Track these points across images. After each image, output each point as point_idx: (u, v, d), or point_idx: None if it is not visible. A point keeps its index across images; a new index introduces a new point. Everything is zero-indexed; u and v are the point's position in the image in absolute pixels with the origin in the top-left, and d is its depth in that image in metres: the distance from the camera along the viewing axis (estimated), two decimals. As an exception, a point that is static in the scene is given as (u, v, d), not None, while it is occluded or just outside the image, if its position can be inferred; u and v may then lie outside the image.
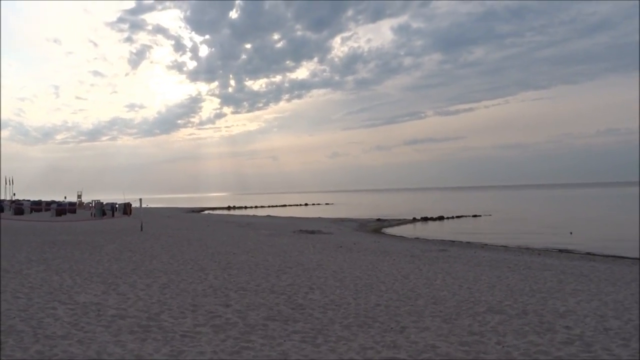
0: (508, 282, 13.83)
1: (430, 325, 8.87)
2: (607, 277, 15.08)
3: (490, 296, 11.72)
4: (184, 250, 19.93)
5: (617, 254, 24.73)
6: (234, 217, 60.73)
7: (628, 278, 14.99)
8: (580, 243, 30.10)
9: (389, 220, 51.98)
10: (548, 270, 16.73)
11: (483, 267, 17.35)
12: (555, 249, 27.27)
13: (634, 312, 10.00)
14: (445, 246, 26.70)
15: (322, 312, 9.79)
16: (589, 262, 20.53)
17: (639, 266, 18.89)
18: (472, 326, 8.85)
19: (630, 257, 23.12)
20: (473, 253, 22.81)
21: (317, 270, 15.31)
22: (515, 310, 10.14)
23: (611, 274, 16.04)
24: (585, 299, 11.40)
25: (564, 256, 23.41)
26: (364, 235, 34.95)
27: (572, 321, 9.24)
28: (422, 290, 12.45)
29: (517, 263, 18.74)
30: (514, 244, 29.97)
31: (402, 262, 18.07)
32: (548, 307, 10.45)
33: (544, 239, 32.63)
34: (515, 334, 8.32)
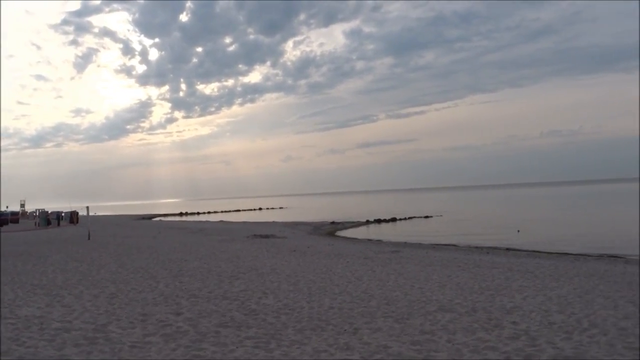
0: (458, 281, 14.14)
1: (383, 326, 8.96)
2: (552, 273, 15.65)
3: (441, 295, 11.95)
4: (133, 258, 19.41)
5: (561, 250, 25.71)
6: (186, 224, 59.68)
7: (571, 273, 15.61)
8: (527, 241, 31.14)
9: (342, 223, 52.29)
10: (496, 268, 17.22)
11: (434, 266, 17.69)
12: (503, 247, 28.10)
13: (577, 306, 10.41)
14: (397, 247, 27.07)
15: (275, 316, 9.73)
16: (535, 259, 21.25)
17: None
18: (424, 325, 8.99)
19: (572, 254, 24.08)
20: (424, 253, 23.23)
21: (271, 275, 15.22)
22: (464, 308, 10.37)
23: (555, 270, 16.66)
24: (531, 295, 11.78)
25: (512, 254, 24.15)
26: (318, 239, 35.03)
27: (519, 317, 9.53)
28: (375, 291, 12.56)
29: (466, 262, 19.20)
30: (464, 244, 30.71)
31: (356, 264, 18.20)
32: (496, 304, 10.75)
33: (493, 238, 33.58)
34: (465, 332, 8.51)
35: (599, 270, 16.32)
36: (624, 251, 24.31)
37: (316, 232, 43.11)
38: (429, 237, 35.58)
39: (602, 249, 25.62)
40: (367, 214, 65.34)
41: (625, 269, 16.95)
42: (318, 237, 36.91)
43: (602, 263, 19.33)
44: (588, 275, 15.00)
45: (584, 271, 16.10)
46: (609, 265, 18.12)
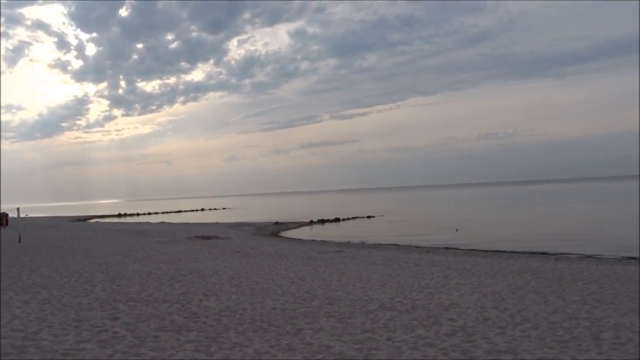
0: (399, 279, 14.43)
1: (325, 326, 9.01)
2: (487, 271, 16.23)
3: (382, 294, 12.16)
4: (68, 262, 18.64)
5: (496, 248, 26.70)
6: (125, 225, 57.85)
7: (505, 271, 16.24)
8: (465, 240, 32.16)
9: (286, 224, 52.23)
10: (435, 266, 17.68)
11: (376, 265, 17.97)
12: (443, 246, 28.88)
13: (510, 302, 10.85)
14: (341, 247, 27.32)
15: (217, 319, 9.59)
16: (472, 257, 21.97)
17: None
18: (365, 324, 9.12)
19: (507, 251, 25.06)
20: (367, 253, 23.55)
21: (213, 277, 15.00)
22: (405, 306, 10.59)
23: (490, 267, 17.29)
24: (468, 292, 12.18)
25: (450, 252, 24.88)
26: (262, 239, 34.84)
27: (456, 313, 9.83)
28: (318, 291, 12.62)
29: (407, 261, 19.61)
30: (405, 243, 31.35)
31: (299, 265, 18.23)
32: (435, 301, 11.04)
33: (433, 237, 34.46)
34: (405, 329, 8.69)
35: (531, 267, 17.06)
36: (555, 249, 25.52)
37: (260, 233, 42.84)
38: (372, 237, 36.09)
39: (534, 247, 26.78)
40: (311, 215, 65.59)
41: (556, 265, 17.80)
42: (261, 238, 36.69)
43: (534, 260, 20.22)
44: (521, 272, 15.66)
45: (517, 268, 16.79)
46: (540, 262, 18.98)
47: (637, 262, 19.64)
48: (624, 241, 27.86)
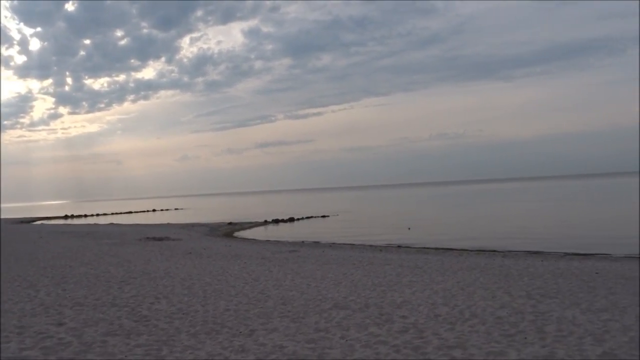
0: (353, 278, 14.55)
1: (279, 326, 8.99)
2: (438, 268, 16.58)
3: (336, 293, 12.23)
4: (10, 266, 17.86)
5: (447, 246, 27.31)
6: (72, 227, 55.94)
7: (455, 268, 16.63)
8: (417, 238, 32.74)
9: (240, 224, 51.75)
10: (388, 264, 17.92)
11: (330, 265, 18.05)
12: (396, 244, 29.30)
13: (460, 298, 11.12)
14: (295, 247, 27.29)
15: (168, 322, 9.41)
16: (424, 255, 22.39)
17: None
18: (319, 323, 9.15)
19: (457, 249, 25.68)
20: (321, 252, 23.63)
21: (165, 279, 14.71)
22: (358, 305, 10.69)
23: (441, 265, 17.66)
24: (419, 289, 12.41)
25: (403, 251, 25.27)
26: (215, 240, 34.40)
27: (408, 311, 9.99)
28: (272, 291, 12.58)
29: (361, 260, 19.80)
30: (360, 242, 31.62)
31: (253, 265, 18.11)
32: (387, 299, 11.19)
33: (386, 236, 34.91)
34: (358, 327, 8.77)
35: (479, 264, 17.53)
36: (503, 246, 26.31)
37: (213, 234, 42.29)
38: (326, 236, 36.23)
39: (483, 244, 27.53)
40: (265, 215, 65.26)
41: (503, 262, 18.35)
42: (215, 239, 36.23)
43: (482, 257, 20.78)
44: (470, 269, 16.07)
45: (467, 265, 17.22)
46: (488, 259, 19.53)
47: (580, 257, 20.51)
48: (568, 238, 29.05)
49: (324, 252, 23.97)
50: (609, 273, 14.35)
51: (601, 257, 20.67)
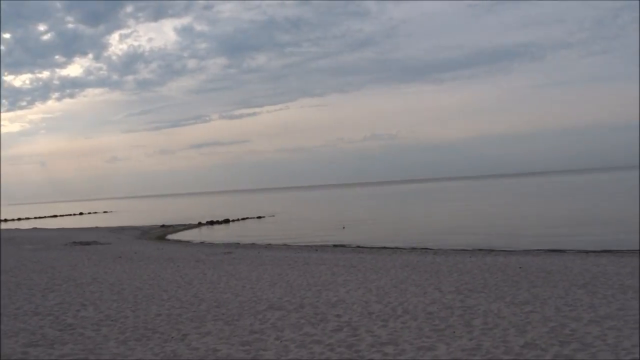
0: (288, 279, 14.54)
1: (213, 329, 8.84)
2: (372, 267, 16.86)
3: (271, 294, 12.18)
4: None
5: (381, 245, 27.85)
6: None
7: (389, 266, 16.97)
8: (352, 237, 33.18)
9: (174, 226, 50.50)
10: (324, 264, 18.05)
11: (266, 266, 17.96)
12: (331, 244, 29.57)
13: (392, 296, 11.36)
14: (230, 248, 26.97)
15: (95, 329, 9.04)
16: (359, 254, 22.73)
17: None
18: (253, 325, 9.08)
19: (390, 247, 26.25)
20: (257, 253, 23.47)
21: (92, 285, 14.12)
22: (293, 305, 10.70)
23: (375, 263, 17.98)
24: (354, 288, 12.57)
25: (338, 250, 25.55)
26: (147, 243, 33.42)
27: (342, 309, 10.11)
28: (206, 294, 12.36)
29: (296, 260, 19.83)
30: (295, 242, 31.68)
31: (187, 268, 17.72)
32: (322, 299, 11.27)
33: (322, 236, 35.16)
34: (293, 328, 8.77)
35: (412, 262, 17.99)
36: (435, 243, 27.14)
37: (144, 237, 41.06)
38: (262, 238, 36.03)
39: (416, 242, 28.29)
40: (199, 216, 64.04)
41: (434, 259, 18.94)
42: (147, 242, 35.19)
43: (414, 255, 21.36)
44: (402, 267, 16.46)
45: (400, 263, 17.63)
46: (420, 257, 20.09)
47: (505, 253, 21.49)
48: (495, 235, 30.37)
49: (260, 253, 23.83)
50: (531, 267, 15.11)
51: (524, 252, 21.73)
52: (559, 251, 21.59)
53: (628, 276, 12.64)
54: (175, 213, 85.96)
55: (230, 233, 43.00)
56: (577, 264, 15.69)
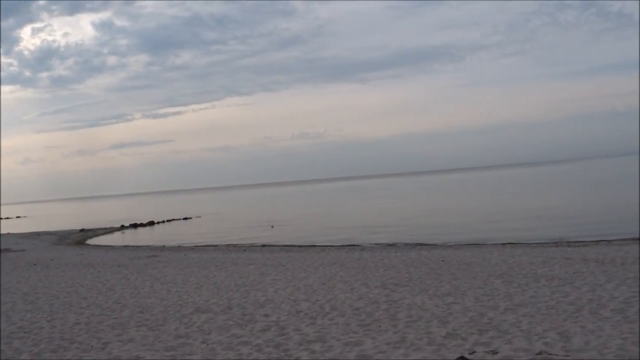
0: (215, 280, 14.30)
1: (136, 336, 8.54)
2: (301, 265, 16.92)
3: (198, 296, 11.93)
4: None
5: (309, 243, 28.02)
6: None
7: (317, 263, 17.10)
8: (281, 236, 33.17)
9: (94, 230, 48.30)
10: (252, 264, 17.91)
11: (192, 268, 17.58)
12: (260, 244, 29.40)
13: (321, 293, 11.44)
14: (155, 252, 26.17)
15: (6, 342, 8.47)
16: (287, 252, 22.74)
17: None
18: (179, 329, 8.85)
19: (319, 245, 26.46)
20: (183, 255, 22.92)
21: (4, 295, 13.23)
22: (220, 307, 10.53)
23: (304, 261, 18.07)
24: (282, 287, 12.56)
25: (267, 249, 25.43)
26: (65, 249, 31.78)
27: (270, 309, 10.06)
28: (129, 300, 11.92)
29: (224, 261, 19.55)
30: (223, 243, 31.22)
31: (108, 274, 17.01)
32: (250, 299, 11.17)
33: (250, 235, 34.87)
34: (220, 330, 8.63)
35: (340, 259, 18.23)
36: (362, 240, 27.65)
37: (62, 242, 39.01)
38: (189, 239, 35.25)
39: (344, 239, 28.68)
40: (122, 219, 61.66)
41: (361, 255, 19.27)
42: (65, 248, 33.45)
43: (343, 252, 21.65)
44: (331, 264, 16.63)
45: (328, 260, 17.81)
46: (348, 253, 20.39)
47: (429, 247, 22.24)
48: (419, 229, 31.37)
49: (186, 255, 23.29)
50: (452, 260, 15.72)
51: (447, 246, 22.59)
52: (479, 244, 22.62)
53: (540, 265, 13.44)
54: (96, 216, 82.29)
55: (155, 235, 41.77)
56: (494, 255, 16.49)
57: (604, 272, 11.82)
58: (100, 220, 67.20)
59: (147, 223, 54.35)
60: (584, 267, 12.78)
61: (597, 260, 13.72)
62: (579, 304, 8.74)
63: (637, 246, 17.69)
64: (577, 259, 14.38)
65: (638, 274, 11.24)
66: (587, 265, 12.96)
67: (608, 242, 20.15)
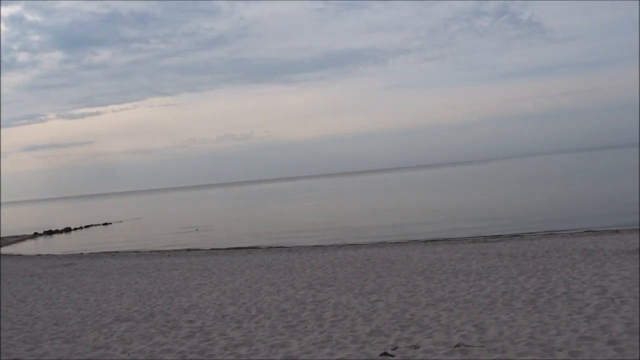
0: (137, 287, 13.82)
1: (49, 350, 8.08)
2: (227, 268, 16.70)
3: (118, 305, 11.48)
4: None
5: (236, 246, 27.68)
6: None
7: (244, 266, 16.93)
8: (207, 239, 32.54)
9: (4, 239, 45.21)
10: (176, 269, 17.46)
11: (113, 275, 16.90)
12: (184, 248, 28.70)
13: (247, 296, 11.35)
14: (72, 259, 24.87)
15: None
16: (213, 256, 22.33)
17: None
18: (97, 340, 8.47)
19: (246, 247, 26.21)
20: (103, 263, 21.96)
21: None
22: (142, 315, 10.18)
23: (231, 264, 17.84)
24: (208, 292, 12.33)
25: (192, 254, 24.84)
26: (-29, 260, 29.51)
27: (195, 314, 9.85)
28: (42, 311, 11.27)
29: (147, 267, 18.93)
30: (147, 249, 30.21)
31: (19, 284, 16.00)
32: (174, 306, 10.88)
33: (174, 240, 33.95)
34: (142, 338, 8.35)
35: (267, 261, 18.15)
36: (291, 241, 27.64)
37: (-32, 252, 36.23)
38: (110, 245, 33.79)
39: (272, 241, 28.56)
40: (35, 226, 58.18)
41: (289, 256, 19.29)
42: (-30, 258, 31.07)
43: (270, 254, 21.57)
44: (258, 266, 16.53)
45: (255, 263, 17.69)
46: (275, 255, 20.34)
47: (355, 246, 22.61)
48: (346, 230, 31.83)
49: (106, 262, 22.33)
50: (377, 258, 16.09)
51: (372, 245, 23.07)
52: (402, 242, 23.28)
53: (459, 261, 14.03)
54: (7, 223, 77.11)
55: (72, 243, 39.77)
56: (417, 253, 17.04)
57: (516, 265, 12.52)
58: (11, 227, 63.02)
59: (63, 229, 51.65)
60: (498, 261, 13.48)
61: (511, 255, 14.51)
62: (494, 297, 9.21)
63: (546, 240, 18.91)
64: (493, 253, 15.15)
65: (547, 266, 12.01)
66: (501, 260, 13.68)
67: (521, 237, 21.37)
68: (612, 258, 12.44)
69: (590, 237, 18.80)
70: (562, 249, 15.06)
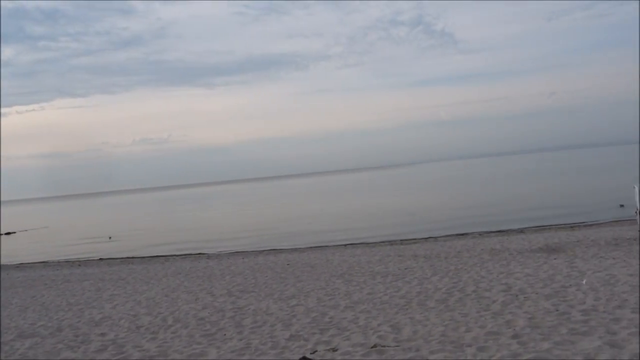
0: (43, 301, 13.01)
1: (-59, 372, 7.41)
2: (143, 277, 16.11)
3: (22, 320, 10.74)
4: None
5: (153, 254, 26.75)
6: None
7: (160, 275, 16.41)
8: (121, 248, 31.19)
9: None
10: (87, 280, 16.62)
11: (16, 289, 15.80)
12: (97, 257, 27.35)
13: (163, 306, 11.00)
14: (-31, 273, 22.97)
15: None
16: (128, 265, 21.47)
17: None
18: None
19: (163, 255, 25.40)
20: (5, 275, 20.46)
21: None
22: (49, 330, 9.59)
23: (147, 273, 17.22)
24: (121, 302, 11.83)
25: (105, 263, 23.74)
26: None
27: (107, 327, 9.41)
28: None
29: (55, 278, 17.88)
30: (55, 259, 28.50)
31: None
32: (84, 318, 10.34)
33: (86, 249, 32.28)
34: (48, 355, 7.86)
35: (185, 268, 17.70)
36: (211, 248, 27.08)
37: None
38: (13, 257, 31.54)
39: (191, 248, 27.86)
40: None
41: (207, 263, 18.93)
42: None
43: (188, 261, 21.06)
44: (175, 274, 16.09)
45: (172, 271, 17.19)
46: (194, 263, 19.88)
47: (275, 252, 22.56)
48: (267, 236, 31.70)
49: (9, 274, 20.85)
50: (297, 263, 16.16)
51: (293, 250, 23.14)
52: (322, 246, 23.52)
53: (377, 263, 14.38)
54: None
55: (-31, 255, 36.68)
56: (336, 256, 17.29)
57: (430, 266, 13.02)
58: None
59: (-41, 241, 47.53)
60: (414, 262, 13.97)
61: (425, 256, 15.08)
62: (409, 297, 9.52)
63: (458, 241, 19.84)
64: (409, 255, 15.68)
65: (458, 266, 12.59)
66: (416, 261, 14.18)
67: (435, 239, 22.28)
68: (517, 257, 13.26)
69: (498, 238, 19.96)
70: (472, 249, 15.85)
